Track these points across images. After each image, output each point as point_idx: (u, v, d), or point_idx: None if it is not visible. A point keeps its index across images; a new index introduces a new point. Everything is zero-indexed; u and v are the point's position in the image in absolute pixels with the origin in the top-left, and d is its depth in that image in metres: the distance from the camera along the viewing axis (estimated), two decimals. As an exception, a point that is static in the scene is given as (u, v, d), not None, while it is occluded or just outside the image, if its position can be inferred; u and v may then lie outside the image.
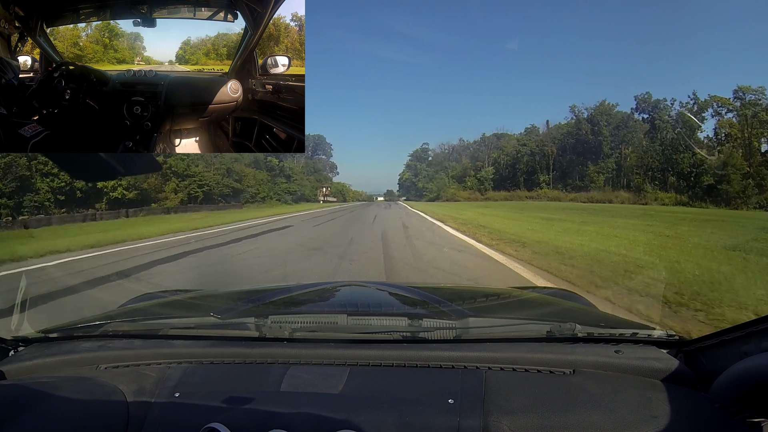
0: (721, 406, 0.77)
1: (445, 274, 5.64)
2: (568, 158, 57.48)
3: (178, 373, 0.99)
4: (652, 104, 52.30)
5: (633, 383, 0.88)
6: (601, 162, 53.37)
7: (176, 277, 5.86)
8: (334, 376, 0.93)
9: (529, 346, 1.00)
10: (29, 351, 1.14)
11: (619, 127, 53.37)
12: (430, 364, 0.96)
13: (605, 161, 53.28)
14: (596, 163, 53.68)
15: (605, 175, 53.02)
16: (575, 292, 1.98)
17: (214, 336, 1.14)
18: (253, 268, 6.46)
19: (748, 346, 0.79)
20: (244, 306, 1.44)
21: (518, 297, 1.65)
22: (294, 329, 1.08)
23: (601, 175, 53.11)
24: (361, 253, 7.63)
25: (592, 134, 54.39)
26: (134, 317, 1.38)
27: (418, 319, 1.23)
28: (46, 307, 4.08)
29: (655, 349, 0.99)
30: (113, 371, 1.03)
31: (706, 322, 3.33)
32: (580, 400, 0.82)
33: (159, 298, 1.74)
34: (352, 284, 1.87)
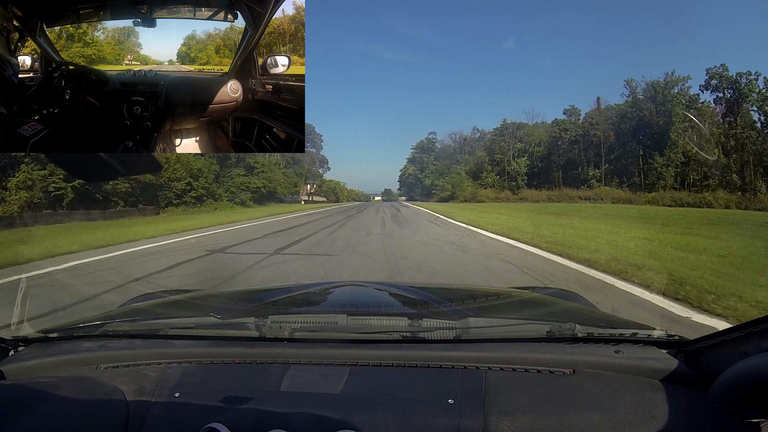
0: (721, 407, 0.77)
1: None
2: (625, 147, 43.60)
3: (178, 373, 0.99)
4: (730, 81, 38.90)
5: (633, 383, 0.88)
6: (669, 152, 39.93)
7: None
8: (334, 376, 0.93)
9: (529, 346, 1.00)
10: (29, 351, 1.14)
11: (688, 107, 40.45)
12: (430, 364, 0.96)
13: (673, 151, 39.85)
14: (662, 153, 40.09)
15: (673, 169, 39.97)
16: (575, 292, 1.98)
17: (214, 336, 1.15)
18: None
19: (748, 346, 0.79)
20: (244, 306, 1.45)
21: (518, 297, 1.65)
22: (294, 329, 1.08)
23: (669, 168, 39.99)
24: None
25: (658, 115, 40.72)
26: (134, 317, 1.38)
27: (418, 319, 1.23)
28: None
29: (655, 349, 0.99)
30: (113, 371, 1.03)
31: None
32: (580, 400, 0.82)
33: (159, 298, 1.74)
34: (352, 284, 1.87)
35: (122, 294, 4.39)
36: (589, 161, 46.46)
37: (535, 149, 52.80)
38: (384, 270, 5.90)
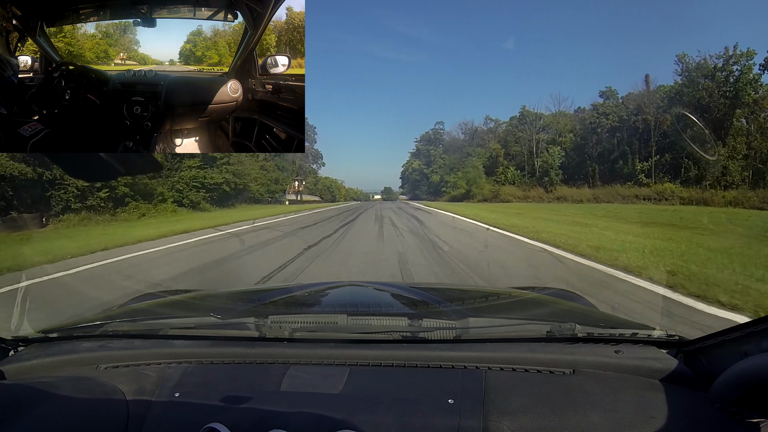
0: (721, 407, 0.77)
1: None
2: (678, 135, 30.32)
3: (178, 373, 0.99)
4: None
5: (633, 383, 0.88)
6: (732, 141, 30.84)
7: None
8: (334, 376, 0.93)
9: (529, 346, 1.00)
10: (29, 351, 1.14)
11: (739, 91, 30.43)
12: (430, 364, 0.96)
13: (737, 140, 30.65)
14: (725, 143, 30.71)
15: (738, 162, 30.59)
16: (575, 292, 1.98)
17: (213, 336, 1.15)
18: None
19: (748, 346, 0.79)
20: (244, 306, 1.45)
21: (518, 297, 1.65)
22: (294, 329, 1.08)
23: (734, 161, 30.73)
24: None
25: (720, 97, 31.62)
26: (134, 317, 1.38)
27: (418, 319, 1.23)
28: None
29: (655, 349, 0.99)
30: (113, 371, 1.03)
31: None
32: (580, 400, 0.82)
33: (159, 298, 1.74)
34: (352, 284, 1.87)
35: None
36: (634, 152, 36.34)
37: (567, 137, 42.42)
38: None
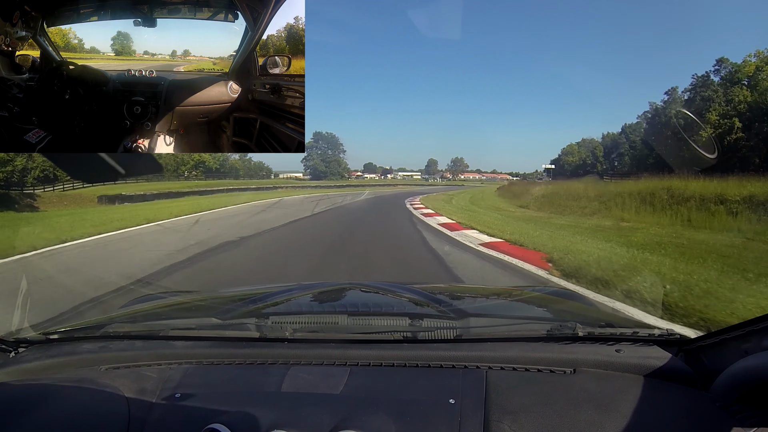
0: (722, 405, 0.77)
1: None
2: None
3: (178, 374, 0.99)
4: None
5: (634, 382, 0.88)
6: None
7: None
8: (334, 377, 0.93)
9: (530, 345, 1.00)
10: (30, 352, 1.14)
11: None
12: (430, 363, 0.96)
13: None
14: None
15: None
16: (575, 292, 1.98)
17: (214, 337, 1.14)
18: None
19: (748, 345, 0.79)
20: (244, 307, 1.44)
21: (519, 296, 1.65)
22: (294, 329, 1.08)
23: None
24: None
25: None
26: (135, 318, 1.38)
27: (419, 319, 1.23)
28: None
29: (655, 348, 0.98)
30: (114, 372, 1.02)
31: None
32: (581, 399, 0.82)
33: (160, 299, 1.74)
34: (352, 285, 1.87)
35: None
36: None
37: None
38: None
